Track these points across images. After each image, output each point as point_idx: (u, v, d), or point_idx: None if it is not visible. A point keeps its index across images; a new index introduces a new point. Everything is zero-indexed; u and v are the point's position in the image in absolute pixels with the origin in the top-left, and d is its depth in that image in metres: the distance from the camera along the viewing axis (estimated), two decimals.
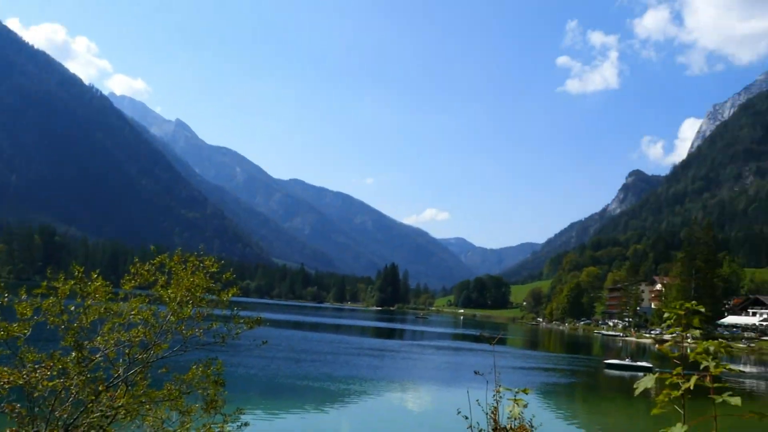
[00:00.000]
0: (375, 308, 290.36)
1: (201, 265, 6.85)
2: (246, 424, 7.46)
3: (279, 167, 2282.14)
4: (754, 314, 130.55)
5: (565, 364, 61.58)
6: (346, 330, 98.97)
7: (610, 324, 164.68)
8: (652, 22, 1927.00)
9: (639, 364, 55.44)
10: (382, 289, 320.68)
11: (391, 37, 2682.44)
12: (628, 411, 30.76)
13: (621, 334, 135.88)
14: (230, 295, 7.00)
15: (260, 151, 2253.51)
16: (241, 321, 6.99)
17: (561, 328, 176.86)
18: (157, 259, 6.79)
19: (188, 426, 6.95)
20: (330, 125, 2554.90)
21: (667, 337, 4.32)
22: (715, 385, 3.69)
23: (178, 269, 6.78)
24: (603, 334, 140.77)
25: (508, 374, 43.46)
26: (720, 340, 3.91)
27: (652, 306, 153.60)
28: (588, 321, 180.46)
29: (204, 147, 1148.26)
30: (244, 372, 37.40)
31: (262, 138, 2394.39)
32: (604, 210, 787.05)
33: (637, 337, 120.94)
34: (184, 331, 6.68)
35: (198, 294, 6.71)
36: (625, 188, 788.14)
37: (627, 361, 56.48)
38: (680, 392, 3.77)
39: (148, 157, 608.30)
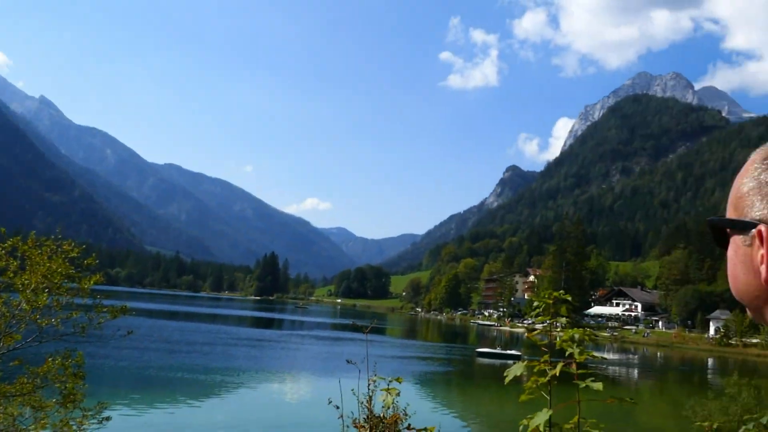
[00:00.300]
0: (253, 298, 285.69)
1: (59, 249, 6.36)
2: (107, 419, 7.04)
3: (154, 151, 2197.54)
4: (617, 305, 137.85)
5: (442, 353, 62.95)
6: (223, 320, 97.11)
7: (486, 314, 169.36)
8: (530, 24, 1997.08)
9: (509, 352, 57.26)
10: (261, 279, 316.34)
11: (272, 22, 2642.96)
12: (501, 398, 31.74)
13: (496, 324, 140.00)
14: (92, 282, 6.55)
15: (134, 133, 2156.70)
16: (105, 310, 6.55)
17: (439, 317, 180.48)
18: (9, 242, 6.24)
19: (44, 422, 6.47)
20: (208, 109, 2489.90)
21: (538, 326, 4.39)
22: (580, 371, 3.77)
23: (33, 254, 6.26)
24: (479, 324, 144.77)
25: (387, 363, 43.88)
26: (585, 328, 4.00)
27: (526, 297, 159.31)
28: (465, 311, 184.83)
29: (72, 127, 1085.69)
30: (112, 364, 35.80)
31: (136, 120, 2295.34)
32: (483, 203, 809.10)
33: (511, 327, 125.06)
34: (39, 321, 6.20)
35: (56, 281, 6.24)
36: (502, 183, 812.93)
37: (498, 350, 58.27)
38: (547, 379, 3.83)
39: (6, 135, 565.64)
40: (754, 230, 0.86)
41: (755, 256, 0.84)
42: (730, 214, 0.90)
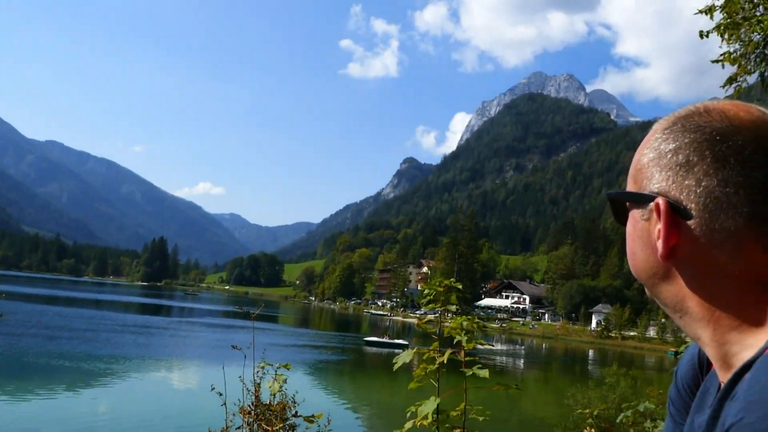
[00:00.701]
0: (141, 284, 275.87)
1: None
2: None
3: (34, 126, 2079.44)
4: (507, 297, 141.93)
5: (334, 341, 63.03)
6: (107, 306, 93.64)
7: (380, 304, 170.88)
8: (431, 17, 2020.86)
9: (396, 341, 57.96)
10: (148, 264, 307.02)
11: None
12: (391, 386, 32.06)
13: (389, 314, 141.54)
14: None
15: (11, 107, 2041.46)
16: None
17: (332, 306, 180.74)
18: None
19: None
20: (95, 85, 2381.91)
21: (430, 315, 4.41)
22: (467, 359, 3.82)
23: None
24: (372, 314, 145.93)
25: (279, 351, 43.52)
26: (471, 317, 4.06)
27: (419, 287, 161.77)
28: (358, 300, 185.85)
29: None
30: None
31: (14, 93, 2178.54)
32: (379, 194, 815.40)
33: (404, 317, 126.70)
34: None
35: None
36: (399, 174, 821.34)
37: (385, 339, 58.90)
38: (435, 366, 3.85)
39: None
40: (651, 203, 0.82)
41: (652, 231, 0.81)
42: (630, 187, 0.86)
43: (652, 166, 0.91)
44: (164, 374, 34.07)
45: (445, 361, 3.84)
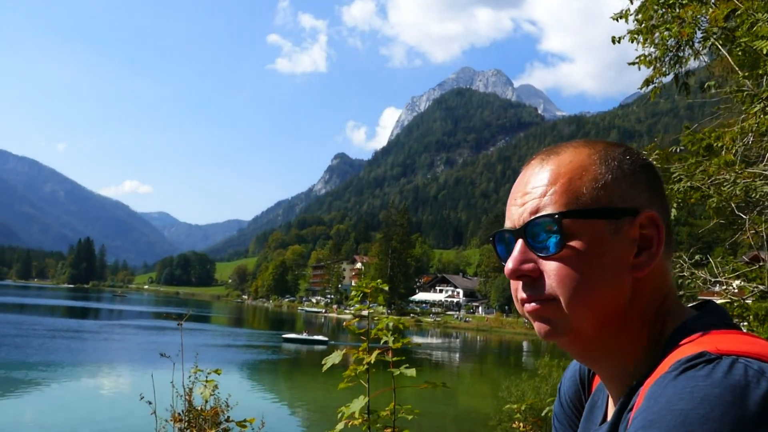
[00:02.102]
0: (67, 286, 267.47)
1: None
2: None
3: None
4: (440, 291, 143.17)
5: (273, 341, 62.38)
6: (31, 310, 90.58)
7: (314, 301, 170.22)
8: (359, 12, 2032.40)
9: (315, 338, 57.85)
10: (75, 266, 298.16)
11: None
12: (326, 385, 32.00)
13: (323, 311, 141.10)
14: None
15: None
16: None
17: (266, 305, 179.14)
18: None
19: None
20: (14, 81, 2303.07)
21: (364, 312, 4.44)
22: (395, 359, 3.88)
23: None
24: (306, 311, 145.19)
25: (214, 352, 42.97)
26: (403, 315, 4.13)
27: (353, 283, 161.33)
28: (292, 298, 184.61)
29: None
30: None
31: None
32: (311, 190, 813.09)
33: (338, 313, 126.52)
34: None
35: None
36: (330, 170, 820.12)
37: (304, 335, 58.60)
38: (364, 367, 3.90)
39: None
40: (636, 217, 0.94)
41: (622, 246, 0.90)
42: (565, 202, 0.91)
43: (623, 184, 0.93)
44: (94, 380, 33.21)
45: (372, 361, 3.88)
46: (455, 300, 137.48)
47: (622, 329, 0.90)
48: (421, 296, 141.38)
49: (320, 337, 58.50)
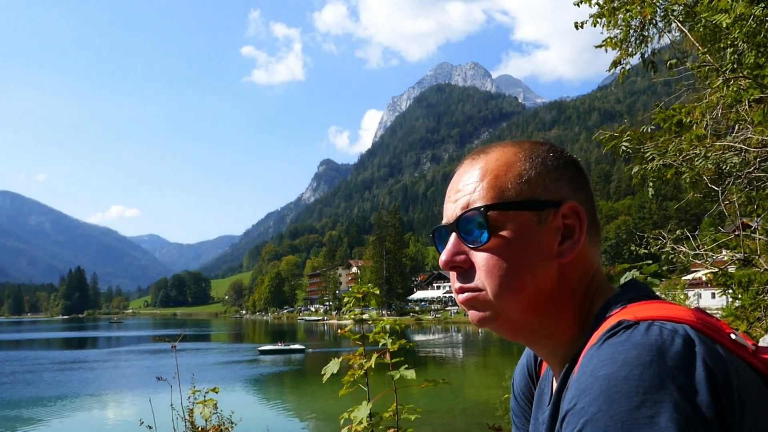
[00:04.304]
0: (61, 317, 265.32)
1: None
2: None
3: None
4: (438, 288, 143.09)
5: (273, 353, 62.26)
6: (27, 345, 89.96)
7: (313, 309, 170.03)
8: (331, 17, 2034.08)
9: (292, 347, 57.69)
10: (67, 296, 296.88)
11: (58, 19, 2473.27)
12: (330, 392, 32.00)
13: (323, 318, 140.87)
14: None
15: None
16: None
17: (265, 318, 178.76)
18: None
19: None
20: None
21: (366, 316, 4.49)
22: (394, 360, 3.92)
23: None
24: (305, 320, 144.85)
25: (215, 371, 42.92)
26: (400, 317, 4.18)
27: (350, 288, 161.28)
28: (291, 308, 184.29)
29: None
30: None
31: None
32: (299, 199, 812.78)
33: (338, 320, 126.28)
34: None
35: None
36: (317, 177, 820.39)
37: (280, 346, 58.26)
38: (362, 372, 3.93)
39: None
40: (559, 208, 1.02)
41: (547, 236, 1.00)
42: (491, 195, 1.01)
43: (546, 178, 1.01)
44: (94, 411, 32.99)
45: (373, 365, 3.91)
46: (454, 295, 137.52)
47: (552, 312, 1.00)
48: (419, 294, 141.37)
49: (296, 346, 58.52)
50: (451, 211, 1.05)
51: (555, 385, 1.07)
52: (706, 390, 0.73)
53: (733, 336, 0.82)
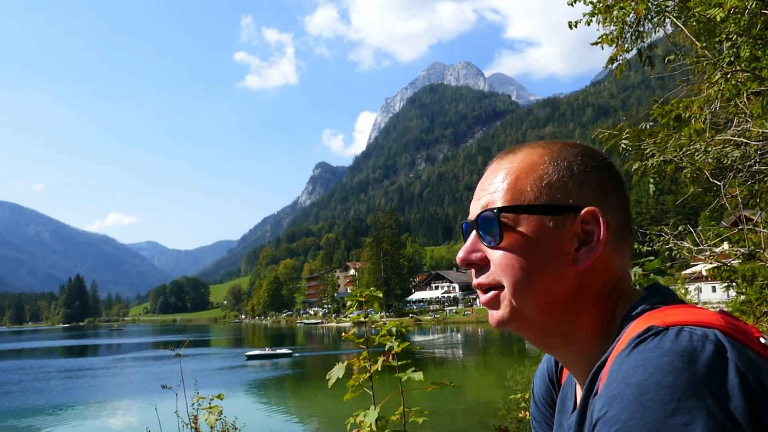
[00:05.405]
0: (62, 326, 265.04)
1: None
2: None
3: None
4: (437, 288, 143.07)
5: (260, 358, 62.22)
6: (29, 354, 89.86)
7: (312, 312, 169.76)
8: (322, 21, 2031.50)
9: (278, 351, 57.92)
10: (68, 305, 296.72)
11: (50, 26, 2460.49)
12: (335, 395, 31.93)
13: (322, 321, 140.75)
14: None
15: None
16: None
17: (264, 322, 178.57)
18: None
19: None
20: None
21: (369, 319, 4.47)
22: (401, 362, 3.90)
23: None
24: (304, 323, 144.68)
25: (215, 376, 42.84)
26: (401, 319, 4.16)
27: (349, 291, 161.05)
28: (290, 312, 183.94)
29: None
30: None
31: None
32: (295, 202, 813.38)
33: (338, 322, 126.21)
34: None
35: None
36: (313, 180, 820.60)
37: (267, 350, 58.51)
38: (367, 375, 3.91)
39: None
40: (579, 213, 1.01)
41: (564, 241, 0.99)
42: (510, 197, 1.00)
43: (570, 183, 1.01)
44: (104, 418, 32.94)
45: (379, 368, 3.88)
46: (452, 295, 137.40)
47: (571, 317, 0.99)
48: (417, 295, 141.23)
49: (284, 350, 58.80)
50: (473, 209, 1.06)
51: (579, 391, 1.07)
52: (739, 396, 0.72)
53: (762, 340, 0.83)
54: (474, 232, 1.05)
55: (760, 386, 0.74)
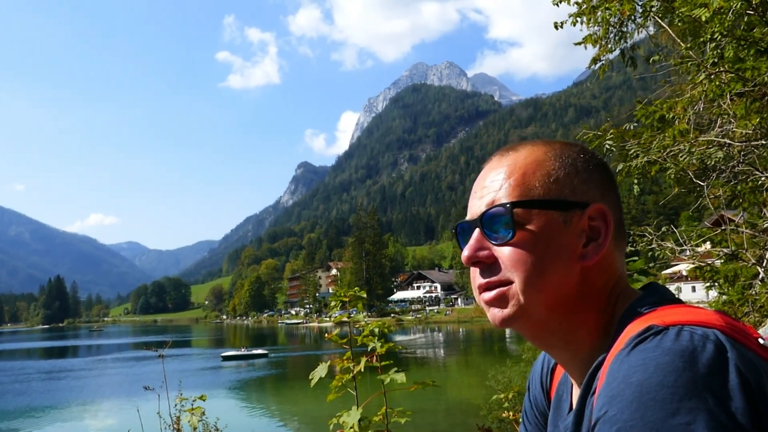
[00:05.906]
0: (41, 327, 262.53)
1: None
2: None
3: None
4: (418, 288, 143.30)
5: (236, 358, 62.02)
6: (8, 355, 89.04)
7: (293, 312, 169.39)
8: (305, 21, 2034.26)
9: (254, 352, 58.00)
10: (47, 306, 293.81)
11: (32, 26, 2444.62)
12: (316, 395, 31.86)
13: (304, 321, 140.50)
14: None
15: None
16: None
17: (245, 322, 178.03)
18: None
19: None
20: None
21: (354, 319, 4.44)
22: (384, 363, 3.87)
23: None
24: (286, 323, 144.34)
25: (197, 377, 42.67)
26: (383, 319, 4.14)
27: (330, 290, 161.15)
28: (272, 312, 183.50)
29: None
30: None
31: None
32: (278, 202, 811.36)
33: (319, 322, 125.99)
34: None
35: None
36: (295, 180, 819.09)
37: (243, 351, 58.55)
38: (350, 376, 3.88)
39: None
40: (585, 209, 0.98)
41: (571, 237, 0.98)
42: (516, 193, 0.99)
43: (575, 180, 1.01)
44: (86, 420, 32.66)
45: (362, 370, 3.85)
46: (434, 295, 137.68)
47: (573, 315, 0.99)
48: (399, 295, 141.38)
49: (260, 351, 58.88)
50: (476, 207, 1.05)
51: (575, 391, 1.07)
52: (740, 396, 0.72)
53: (760, 340, 0.83)
54: (477, 231, 1.03)
55: (759, 387, 0.74)
